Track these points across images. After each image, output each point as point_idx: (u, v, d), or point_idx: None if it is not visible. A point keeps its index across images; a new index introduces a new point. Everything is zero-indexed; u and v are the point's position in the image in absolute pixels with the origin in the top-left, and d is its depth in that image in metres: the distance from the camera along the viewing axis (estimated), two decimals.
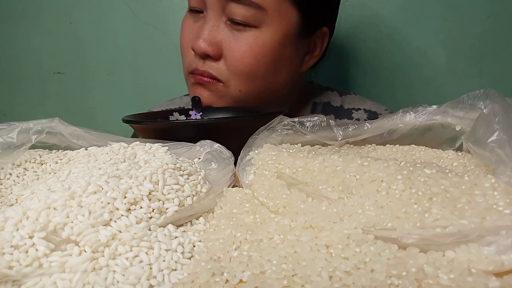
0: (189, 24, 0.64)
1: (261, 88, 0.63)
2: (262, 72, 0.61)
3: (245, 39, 0.58)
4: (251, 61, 0.59)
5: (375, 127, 0.41)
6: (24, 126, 0.39)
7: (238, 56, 0.59)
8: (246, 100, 0.63)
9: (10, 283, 0.22)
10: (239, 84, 0.61)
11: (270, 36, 0.59)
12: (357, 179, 0.30)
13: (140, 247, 0.26)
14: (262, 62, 0.60)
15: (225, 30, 0.59)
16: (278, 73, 0.63)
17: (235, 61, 0.59)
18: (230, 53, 0.59)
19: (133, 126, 0.50)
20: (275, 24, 0.59)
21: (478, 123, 0.32)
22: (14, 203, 0.33)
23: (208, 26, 0.59)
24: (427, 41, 0.91)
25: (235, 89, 0.61)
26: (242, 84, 0.61)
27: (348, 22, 0.91)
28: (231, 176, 0.35)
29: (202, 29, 0.60)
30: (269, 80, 0.62)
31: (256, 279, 0.23)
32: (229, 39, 0.59)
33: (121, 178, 0.30)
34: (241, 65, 0.59)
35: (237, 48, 0.59)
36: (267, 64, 0.60)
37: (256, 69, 0.60)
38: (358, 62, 0.95)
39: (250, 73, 0.60)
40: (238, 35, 0.59)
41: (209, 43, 0.59)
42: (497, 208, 0.24)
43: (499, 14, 0.87)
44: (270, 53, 0.60)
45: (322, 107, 0.76)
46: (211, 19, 0.59)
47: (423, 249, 0.24)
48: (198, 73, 0.62)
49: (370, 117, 0.73)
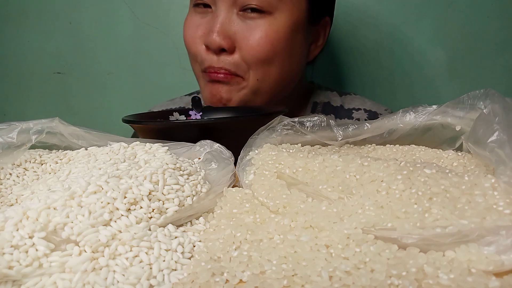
0: (196, 20, 0.63)
1: (277, 76, 0.63)
2: (278, 58, 0.61)
3: (260, 26, 0.59)
4: (268, 47, 0.59)
5: (375, 127, 0.41)
6: (24, 126, 0.39)
7: (254, 44, 0.59)
8: (263, 89, 0.63)
9: (10, 283, 0.22)
10: (256, 73, 0.61)
11: (284, 22, 0.60)
12: (357, 179, 0.30)
13: (140, 247, 0.26)
14: (278, 48, 0.60)
15: (238, 21, 0.59)
16: (292, 59, 0.64)
17: (251, 49, 0.59)
18: (246, 42, 0.59)
19: (133, 126, 0.50)
20: (288, 11, 0.59)
21: (478, 123, 0.32)
22: (14, 203, 0.33)
23: (219, 19, 0.59)
24: (427, 41, 0.91)
25: (253, 79, 0.61)
26: (260, 72, 0.61)
27: (348, 22, 0.91)
28: (231, 176, 0.35)
29: (214, 23, 0.59)
30: (285, 66, 0.63)
31: (256, 279, 0.23)
32: (242, 29, 0.59)
33: (121, 178, 0.30)
34: (258, 53, 0.59)
35: (252, 36, 0.59)
36: (282, 50, 0.61)
37: (273, 55, 0.60)
38: (358, 62, 0.95)
39: (266, 59, 0.60)
40: (252, 23, 0.59)
41: (224, 36, 0.59)
42: (497, 208, 0.24)
43: (499, 14, 0.87)
44: (284, 39, 0.60)
45: (322, 107, 0.76)
46: (222, 12, 0.59)
47: (423, 249, 0.24)
48: (214, 71, 0.61)
49: (370, 117, 0.73)
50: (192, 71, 0.68)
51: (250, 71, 0.61)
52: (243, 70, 0.61)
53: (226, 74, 0.61)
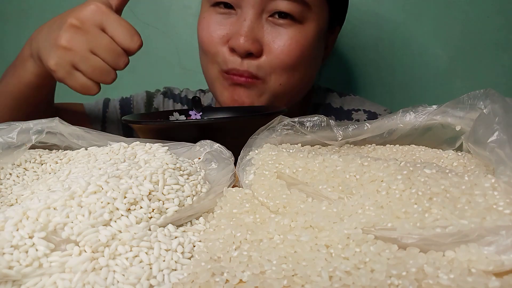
0: (216, 19, 0.62)
1: (298, 81, 0.64)
2: (303, 64, 0.62)
3: (290, 33, 0.60)
4: (297, 53, 0.60)
5: (375, 127, 0.41)
6: (24, 126, 0.39)
7: (284, 49, 0.59)
8: (284, 93, 0.64)
9: (10, 283, 0.22)
10: (280, 77, 0.62)
11: (312, 30, 0.61)
12: (357, 179, 0.30)
13: (140, 247, 0.26)
14: (305, 55, 0.61)
15: (266, 26, 0.60)
16: (312, 66, 0.66)
17: (280, 53, 0.60)
18: (275, 47, 0.59)
19: (133, 126, 0.50)
20: (315, 20, 0.61)
21: (478, 123, 0.32)
22: (14, 203, 0.33)
23: (247, 23, 0.58)
24: (427, 41, 0.91)
25: (276, 83, 0.62)
26: (284, 77, 0.62)
27: (348, 22, 0.91)
28: (231, 176, 0.35)
29: (241, 26, 0.59)
30: (306, 72, 0.65)
31: (256, 279, 0.23)
32: (271, 35, 0.60)
33: (121, 178, 0.30)
34: (287, 58, 0.60)
35: (283, 42, 0.59)
36: (308, 57, 0.62)
37: (300, 61, 0.61)
38: (358, 62, 0.95)
39: (294, 65, 0.61)
40: (282, 30, 0.60)
41: (252, 40, 0.58)
42: (497, 208, 0.24)
43: (499, 14, 0.87)
44: (311, 46, 0.62)
45: (323, 108, 0.76)
46: (250, 15, 0.59)
47: (423, 249, 0.24)
48: (237, 74, 0.60)
49: (370, 117, 0.74)
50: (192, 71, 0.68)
51: (272, 75, 0.61)
52: (265, 73, 0.61)
53: (248, 78, 0.61)
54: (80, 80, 0.51)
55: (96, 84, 0.52)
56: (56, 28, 0.51)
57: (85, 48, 0.49)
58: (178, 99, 0.81)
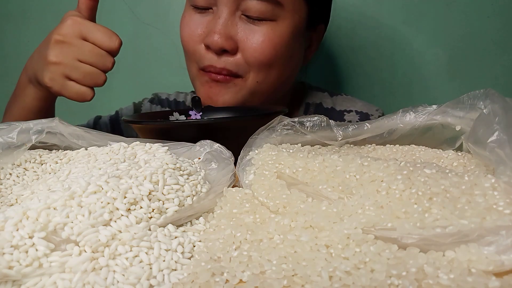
0: (195, 18, 0.63)
1: (276, 78, 0.64)
2: (279, 62, 0.62)
3: (263, 30, 0.60)
4: (271, 51, 0.60)
5: (375, 127, 0.41)
6: (24, 126, 0.39)
7: (257, 47, 0.60)
8: (261, 91, 0.64)
9: (10, 283, 0.22)
10: (257, 75, 0.62)
11: (286, 28, 0.61)
12: (357, 179, 0.30)
13: (140, 247, 0.26)
14: (280, 53, 0.61)
15: (240, 24, 0.60)
16: (290, 63, 0.66)
17: (254, 51, 0.60)
18: (249, 45, 0.60)
19: (133, 126, 0.50)
20: (290, 17, 0.61)
21: (478, 123, 0.32)
22: (14, 203, 0.33)
23: (221, 20, 0.59)
24: (427, 41, 0.90)
25: (253, 81, 0.62)
26: (261, 74, 0.62)
27: (348, 22, 0.91)
28: (231, 176, 0.35)
29: (215, 23, 0.59)
30: (284, 70, 0.64)
31: (256, 279, 0.23)
32: (245, 32, 0.60)
33: (121, 178, 0.30)
34: (261, 56, 0.60)
35: (256, 39, 0.60)
36: (283, 54, 0.62)
37: (275, 59, 0.61)
38: (358, 62, 0.95)
39: (268, 63, 0.61)
40: (255, 27, 0.60)
41: (226, 37, 0.59)
42: (497, 208, 0.24)
43: (499, 14, 0.87)
44: (286, 43, 0.62)
45: (314, 108, 0.77)
46: (224, 13, 0.59)
47: (423, 249, 0.24)
48: (215, 71, 0.61)
49: (362, 119, 0.74)
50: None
51: (251, 72, 0.61)
52: (244, 70, 0.61)
53: (225, 76, 0.61)
54: (74, 89, 0.54)
55: (90, 89, 0.55)
56: (44, 48, 0.55)
57: (72, 59, 0.52)
58: (166, 104, 0.82)
